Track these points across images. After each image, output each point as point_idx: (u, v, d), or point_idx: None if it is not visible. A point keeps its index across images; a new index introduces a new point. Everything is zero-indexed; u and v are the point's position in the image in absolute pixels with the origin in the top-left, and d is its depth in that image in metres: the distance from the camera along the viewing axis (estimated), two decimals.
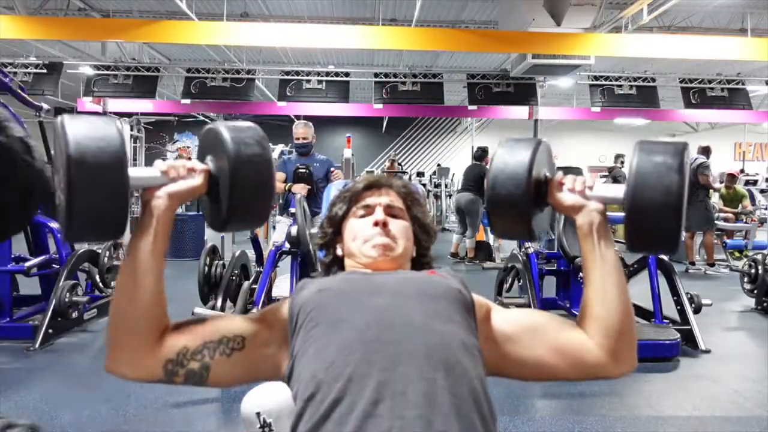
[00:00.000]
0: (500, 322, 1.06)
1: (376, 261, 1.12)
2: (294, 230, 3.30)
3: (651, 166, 0.92)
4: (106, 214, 0.85)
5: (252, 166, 0.92)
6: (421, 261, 1.22)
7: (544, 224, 1.09)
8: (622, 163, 10.07)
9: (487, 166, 1.04)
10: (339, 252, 1.21)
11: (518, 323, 1.06)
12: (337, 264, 1.22)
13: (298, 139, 4.41)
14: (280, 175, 4.42)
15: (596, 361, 1.01)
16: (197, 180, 0.94)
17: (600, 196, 1.00)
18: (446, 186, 12.97)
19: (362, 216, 1.18)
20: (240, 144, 0.92)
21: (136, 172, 0.90)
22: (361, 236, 1.15)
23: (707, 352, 3.68)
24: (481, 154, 7.78)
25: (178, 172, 0.93)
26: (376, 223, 1.14)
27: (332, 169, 4.45)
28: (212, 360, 0.97)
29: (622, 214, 0.95)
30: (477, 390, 0.90)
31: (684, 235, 7.83)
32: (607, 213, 1.02)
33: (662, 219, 0.92)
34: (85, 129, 0.84)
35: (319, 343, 0.93)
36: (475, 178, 7.47)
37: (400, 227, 1.16)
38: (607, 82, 11.44)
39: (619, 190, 0.97)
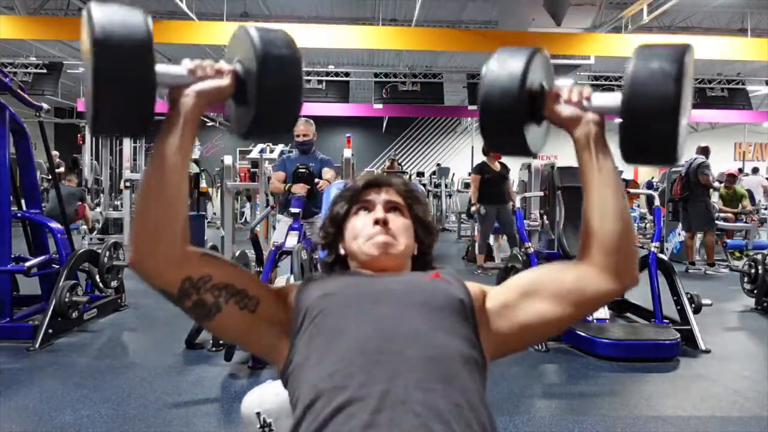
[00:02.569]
0: (495, 299, 1.06)
1: (376, 259, 1.12)
2: (293, 280, 3.34)
3: (648, 73, 0.89)
4: (132, 104, 0.84)
5: (280, 66, 0.90)
6: (423, 260, 1.22)
7: (541, 140, 1.05)
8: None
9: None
10: (341, 251, 1.21)
11: (512, 290, 1.06)
12: (339, 263, 1.22)
13: (298, 136, 4.37)
14: (279, 175, 4.41)
15: (597, 287, 0.99)
16: (225, 80, 0.93)
17: (597, 107, 0.97)
18: (446, 186, 12.97)
19: (363, 214, 1.18)
20: (268, 44, 0.89)
21: (163, 68, 0.89)
22: (361, 234, 1.14)
23: (707, 352, 3.68)
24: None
25: (205, 71, 0.92)
26: (376, 221, 1.14)
27: (317, 180, 4.20)
28: (226, 304, 0.97)
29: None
30: (476, 401, 0.89)
31: (684, 234, 7.81)
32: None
33: (658, 126, 0.88)
34: (111, 15, 0.82)
35: (319, 353, 0.93)
36: None
37: (400, 225, 1.16)
38: (607, 82, 11.45)
39: (616, 99, 0.93)
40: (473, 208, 6.61)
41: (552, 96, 0.98)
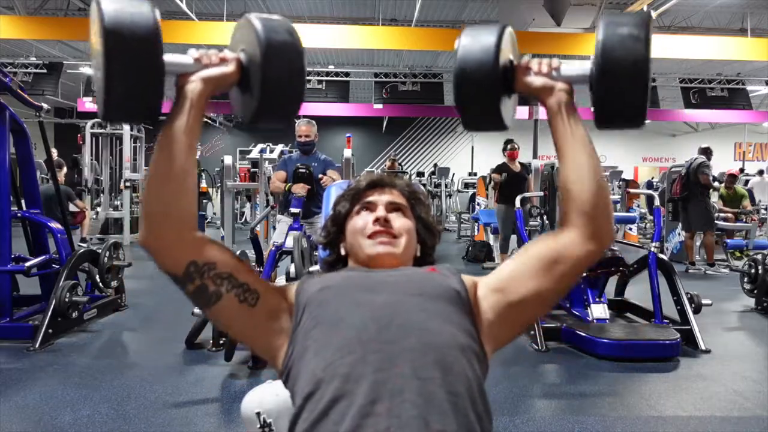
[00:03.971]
0: (486, 286, 1.07)
1: (377, 257, 1.12)
2: (293, 269, 3.34)
3: (616, 39, 0.92)
4: (142, 89, 0.87)
5: (283, 53, 0.92)
6: (425, 261, 1.22)
7: (511, 114, 1.08)
8: None
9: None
10: (342, 251, 1.21)
11: (500, 274, 1.07)
12: (340, 263, 1.23)
13: (300, 137, 4.38)
14: (280, 174, 4.41)
15: (578, 250, 1.01)
16: (229, 67, 0.95)
17: (566, 76, 1.01)
18: (446, 186, 12.97)
19: (365, 214, 1.18)
20: (270, 31, 0.92)
21: (171, 57, 0.92)
22: (363, 233, 1.15)
23: (707, 352, 3.68)
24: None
25: (210, 59, 0.95)
26: (377, 220, 1.15)
27: (320, 176, 4.22)
28: (227, 294, 0.98)
29: (621, 214, 0.95)
30: (473, 389, 0.90)
31: (684, 234, 7.81)
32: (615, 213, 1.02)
33: (628, 91, 0.93)
34: (120, 6, 0.85)
35: (318, 343, 0.94)
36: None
37: (402, 224, 1.17)
38: None
39: (585, 68, 0.97)
40: (533, 210, 6.54)
41: (522, 69, 1.01)
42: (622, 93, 0.94)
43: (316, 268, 2.47)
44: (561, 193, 1.04)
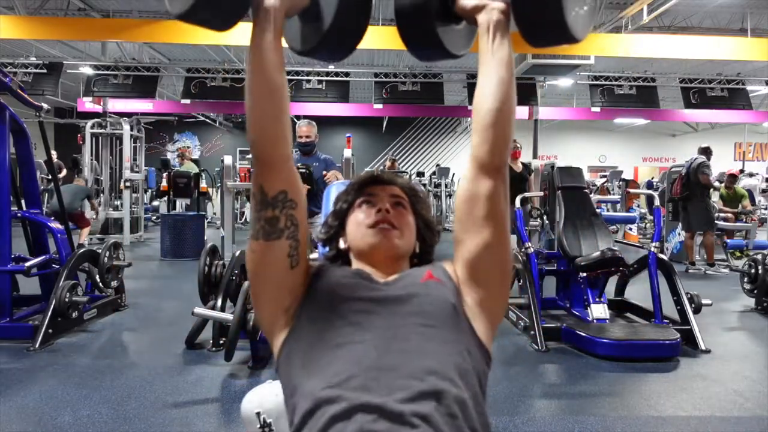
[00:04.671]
0: (456, 264, 1.10)
1: (377, 246, 1.13)
2: None
3: None
4: None
5: None
6: (425, 259, 1.23)
7: (462, 41, 1.08)
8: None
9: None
10: (342, 245, 1.21)
11: (455, 242, 1.09)
12: (341, 258, 1.22)
13: (301, 137, 4.40)
14: None
15: (481, 185, 1.02)
16: None
17: None
18: (446, 186, 12.97)
19: (366, 208, 1.19)
20: None
21: None
22: (363, 223, 1.16)
23: (707, 352, 3.68)
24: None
25: None
26: (379, 210, 1.15)
27: (324, 172, 4.32)
28: (286, 239, 1.03)
29: (621, 214, 0.95)
30: (470, 410, 0.92)
31: (684, 234, 7.80)
32: (607, 213, 1.01)
33: (543, 7, 0.92)
34: None
35: (319, 363, 0.96)
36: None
37: (403, 218, 1.17)
38: (607, 82, 11.44)
39: None
40: (534, 211, 6.58)
41: None
42: (534, 4, 0.93)
43: (314, 255, 2.46)
44: (472, 116, 1.06)
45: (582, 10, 0.96)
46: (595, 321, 3.91)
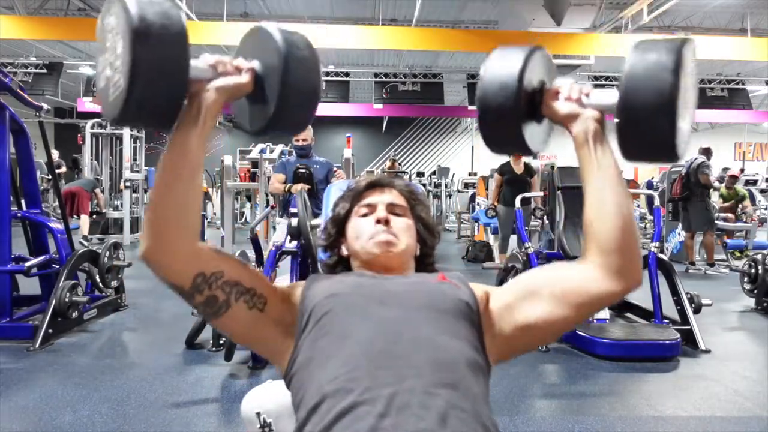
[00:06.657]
0: (498, 301, 1.05)
1: (378, 257, 1.12)
2: (295, 221, 3.29)
3: (643, 66, 0.86)
4: (167, 96, 0.84)
5: (303, 67, 0.91)
6: (425, 261, 1.23)
7: (541, 139, 1.03)
8: None
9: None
10: (344, 252, 1.21)
11: (514, 291, 1.05)
12: (341, 264, 1.22)
13: (298, 140, 4.40)
14: (280, 176, 4.42)
15: (598, 288, 0.96)
16: (244, 78, 0.92)
17: (596, 104, 0.95)
18: (446, 186, 12.96)
19: (365, 215, 1.18)
20: (291, 45, 0.90)
21: (192, 63, 0.89)
22: (363, 234, 1.15)
23: (707, 352, 3.68)
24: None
25: (225, 67, 0.92)
26: (378, 221, 1.15)
27: (334, 169, 4.43)
28: (236, 302, 0.97)
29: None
30: (479, 405, 0.90)
31: (684, 234, 7.79)
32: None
33: (654, 120, 0.86)
34: (146, 6, 0.81)
35: (325, 355, 0.94)
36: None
37: (402, 224, 1.17)
38: (607, 82, 11.46)
39: (614, 95, 0.91)
40: (489, 211, 6.62)
41: (551, 94, 0.97)
42: (647, 124, 0.86)
43: (317, 221, 2.44)
44: (584, 228, 1.00)
45: (685, 124, 0.90)
46: (595, 321, 3.91)
